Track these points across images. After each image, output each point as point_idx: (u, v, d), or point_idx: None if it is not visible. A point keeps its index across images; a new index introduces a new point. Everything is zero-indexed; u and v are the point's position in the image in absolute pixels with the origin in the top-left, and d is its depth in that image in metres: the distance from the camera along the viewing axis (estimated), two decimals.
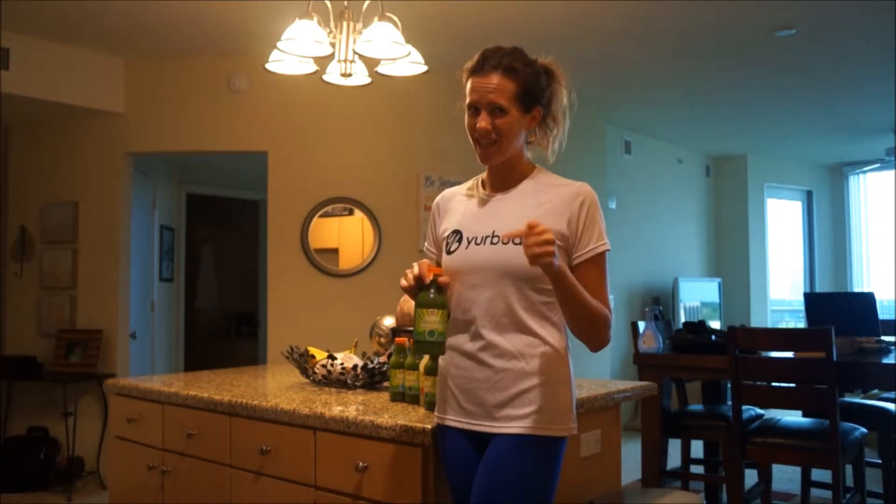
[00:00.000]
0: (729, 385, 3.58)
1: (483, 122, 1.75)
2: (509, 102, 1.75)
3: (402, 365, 2.28)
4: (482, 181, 1.90)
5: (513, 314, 1.73)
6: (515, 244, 1.69)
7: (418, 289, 1.77)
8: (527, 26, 4.37)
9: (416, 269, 1.77)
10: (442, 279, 1.77)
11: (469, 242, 1.79)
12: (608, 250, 1.77)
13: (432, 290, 1.77)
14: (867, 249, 9.04)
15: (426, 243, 2.01)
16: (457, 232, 1.84)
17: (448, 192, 1.98)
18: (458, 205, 1.90)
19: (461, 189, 1.95)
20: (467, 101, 1.79)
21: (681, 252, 8.01)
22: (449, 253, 1.83)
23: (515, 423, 1.70)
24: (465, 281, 1.78)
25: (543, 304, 1.74)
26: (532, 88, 1.78)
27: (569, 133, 1.92)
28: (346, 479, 2.06)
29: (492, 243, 1.76)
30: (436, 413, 1.87)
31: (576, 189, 1.77)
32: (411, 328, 1.91)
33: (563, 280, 1.63)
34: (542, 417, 1.70)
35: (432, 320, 1.76)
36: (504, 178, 1.84)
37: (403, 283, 1.78)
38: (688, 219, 8.20)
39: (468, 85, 1.79)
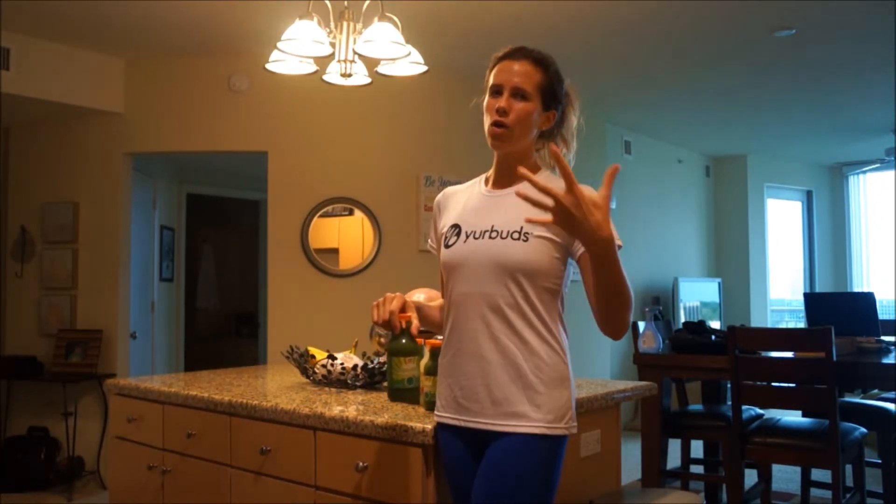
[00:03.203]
0: (729, 385, 3.58)
1: (503, 101, 1.75)
2: (533, 90, 1.76)
3: None
4: (486, 178, 1.90)
5: (511, 310, 1.72)
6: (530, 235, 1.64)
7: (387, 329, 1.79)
8: (527, 26, 4.37)
9: (385, 311, 1.77)
10: (414, 327, 1.78)
11: (468, 237, 1.79)
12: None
13: (404, 339, 1.77)
14: (867, 249, 9.03)
15: (429, 241, 2.01)
16: (456, 226, 1.83)
17: (450, 189, 1.98)
18: (459, 200, 1.90)
19: (463, 186, 1.95)
20: (491, 83, 1.79)
21: (681, 252, 8.01)
22: (447, 247, 1.82)
23: (516, 422, 1.69)
24: (462, 276, 1.77)
25: (543, 300, 1.73)
26: (555, 88, 1.80)
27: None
28: (346, 479, 2.05)
29: (490, 238, 1.75)
30: (435, 412, 1.87)
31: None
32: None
33: (611, 253, 1.50)
34: (542, 417, 1.69)
35: (409, 368, 1.77)
36: (509, 174, 1.82)
37: (375, 317, 1.79)
38: (688, 219, 8.20)
39: (494, 69, 1.80)
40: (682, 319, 7.13)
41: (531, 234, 1.71)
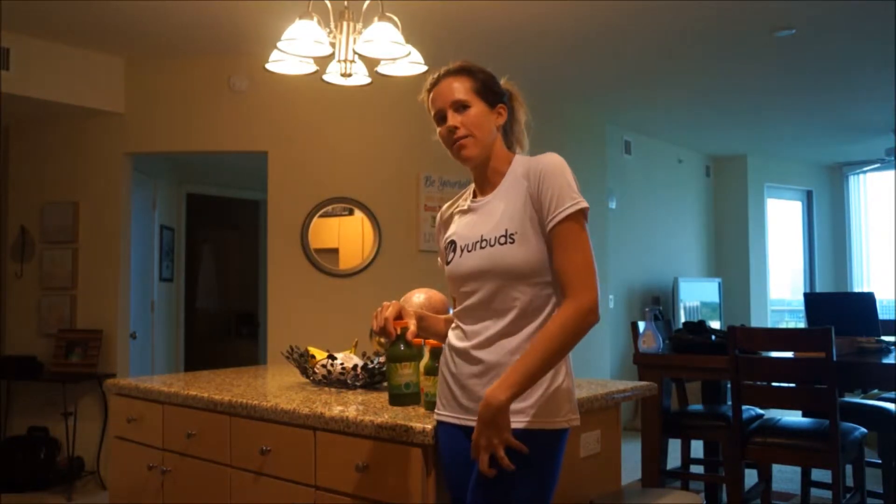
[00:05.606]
0: (729, 385, 3.58)
1: (452, 120, 1.80)
2: (470, 96, 1.81)
3: None
4: (473, 190, 1.94)
5: (509, 312, 1.74)
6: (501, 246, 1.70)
7: (382, 335, 1.83)
8: (527, 26, 4.37)
9: (381, 319, 1.82)
10: (410, 333, 1.82)
11: (462, 251, 1.83)
12: (582, 209, 1.69)
13: (401, 345, 1.81)
14: (867, 249, 9.03)
15: (439, 258, 2.04)
16: (452, 242, 1.89)
17: (446, 205, 2.03)
18: (454, 215, 1.95)
19: (457, 200, 2.00)
20: (433, 113, 1.86)
21: (681, 252, 8.01)
22: (448, 263, 1.88)
23: (514, 417, 1.70)
24: (463, 288, 1.82)
25: (539, 297, 1.75)
26: (490, 86, 1.84)
27: (569, 133, 1.93)
28: (346, 479, 2.06)
29: (481, 248, 1.79)
30: (436, 410, 1.88)
31: (530, 166, 1.78)
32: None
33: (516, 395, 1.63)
34: (539, 411, 1.70)
35: (406, 373, 1.81)
36: (487, 180, 1.87)
37: (374, 325, 1.83)
38: (688, 219, 8.20)
39: (430, 100, 1.87)
40: (682, 319, 7.13)
41: (516, 235, 1.74)
